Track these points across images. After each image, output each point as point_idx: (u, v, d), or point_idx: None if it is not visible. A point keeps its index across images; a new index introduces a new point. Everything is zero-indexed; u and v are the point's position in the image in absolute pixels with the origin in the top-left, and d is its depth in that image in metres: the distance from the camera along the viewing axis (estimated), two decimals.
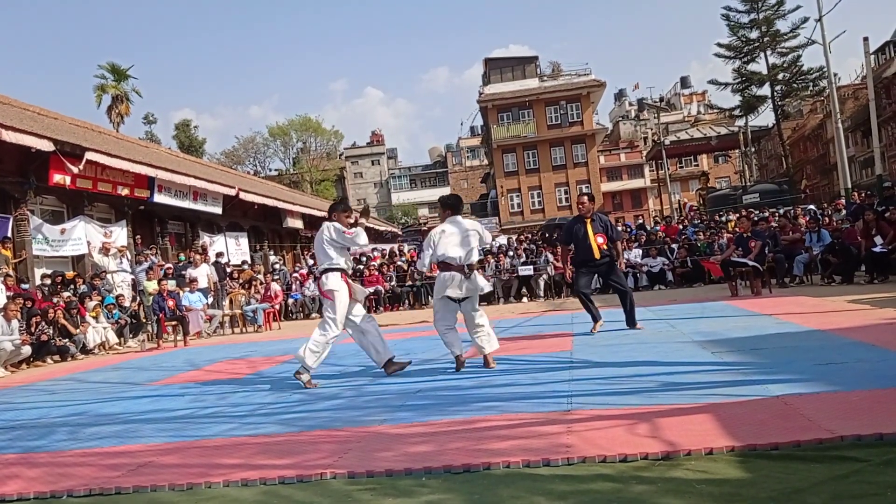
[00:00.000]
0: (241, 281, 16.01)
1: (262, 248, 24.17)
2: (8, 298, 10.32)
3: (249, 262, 19.64)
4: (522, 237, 20.85)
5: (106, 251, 14.30)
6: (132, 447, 4.03)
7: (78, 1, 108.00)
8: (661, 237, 17.19)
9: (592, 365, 5.48)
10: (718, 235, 16.12)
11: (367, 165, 71.19)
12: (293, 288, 17.47)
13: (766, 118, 40.87)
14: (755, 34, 38.34)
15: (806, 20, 34.97)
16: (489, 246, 13.57)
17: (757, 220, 14.95)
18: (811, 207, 20.25)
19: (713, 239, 16.13)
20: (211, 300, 14.42)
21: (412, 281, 17.06)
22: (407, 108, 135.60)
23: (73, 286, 12.86)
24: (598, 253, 7.44)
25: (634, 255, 16.15)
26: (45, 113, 16.88)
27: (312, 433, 4.00)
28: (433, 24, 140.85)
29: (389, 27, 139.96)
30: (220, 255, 17.23)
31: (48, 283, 12.71)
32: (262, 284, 15.36)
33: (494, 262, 16.70)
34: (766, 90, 38.78)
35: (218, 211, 20.09)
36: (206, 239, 19.36)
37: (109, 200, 16.18)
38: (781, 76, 38.15)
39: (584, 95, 45.74)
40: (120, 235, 15.70)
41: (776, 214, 17.86)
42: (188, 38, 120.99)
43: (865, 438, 2.84)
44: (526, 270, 16.10)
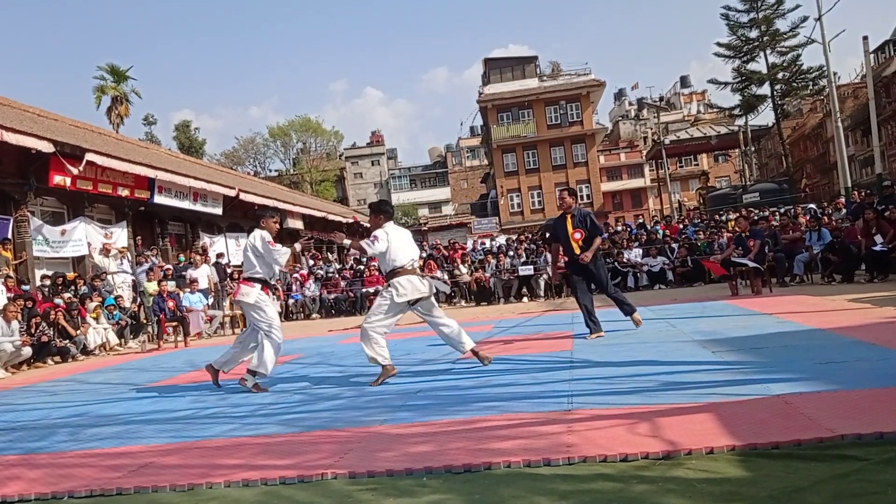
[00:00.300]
0: None
1: None
2: (8, 300, 10.33)
3: None
4: (523, 237, 20.86)
5: (106, 252, 14.30)
6: (133, 448, 4.03)
7: (78, 1, 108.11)
8: (662, 237, 17.19)
9: (593, 364, 5.48)
10: (718, 235, 16.12)
11: (367, 166, 71.11)
12: (293, 289, 17.48)
13: (765, 117, 40.90)
14: (755, 33, 38.35)
15: (805, 19, 35.09)
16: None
17: (756, 219, 14.96)
18: (811, 206, 20.27)
19: (713, 238, 16.15)
20: (211, 301, 14.43)
21: None
22: (407, 108, 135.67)
23: (73, 287, 12.88)
24: (577, 249, 7.22)
25: (634, 254, 16.18)
26: (44, 114, 16.89)
27: (313, 433, 4.00)
28: (433, 24, 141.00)
29: (389, 27, 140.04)
30: (220, 255, 17.24)
31: (48, 284, 12.73)
32: None
33: (495, 261, 16.71)
34: (765, 89, 38.80)
35: (218, 212, 20.12)
36: (206, 240, 19.38)
37: (109, 201, 16.20)
38: (781, 75, 38.14)
39: (583, 95, 45.77)
40: (120, 236, 15.72)
41: (776, 213, 17.88)
42: (188, 38, 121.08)
43: (866, 437, 2.84)
44: (526, 270, 16.12)
